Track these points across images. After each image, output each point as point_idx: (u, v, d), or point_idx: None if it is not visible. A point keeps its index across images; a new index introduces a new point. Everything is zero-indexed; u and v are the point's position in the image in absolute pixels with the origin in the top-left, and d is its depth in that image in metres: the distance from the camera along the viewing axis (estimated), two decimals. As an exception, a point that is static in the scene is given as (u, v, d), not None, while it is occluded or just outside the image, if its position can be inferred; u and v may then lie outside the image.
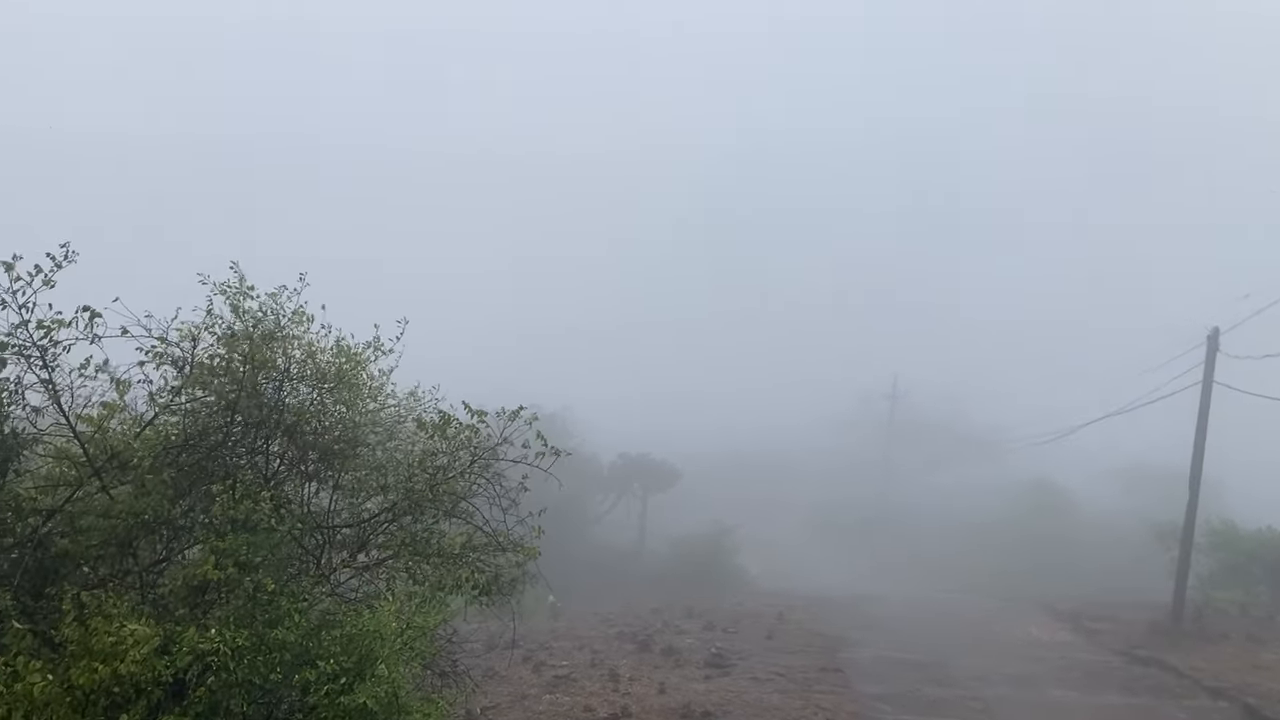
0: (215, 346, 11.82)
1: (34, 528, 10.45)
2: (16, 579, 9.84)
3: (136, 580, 10.98)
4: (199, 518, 10.89)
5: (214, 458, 11.54)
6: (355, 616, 10.41)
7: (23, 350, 10.20)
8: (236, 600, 10.21)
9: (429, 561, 12.45)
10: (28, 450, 10.76)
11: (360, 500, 13.28)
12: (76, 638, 8.52)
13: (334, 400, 12.95)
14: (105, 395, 11.08)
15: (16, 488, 10.72)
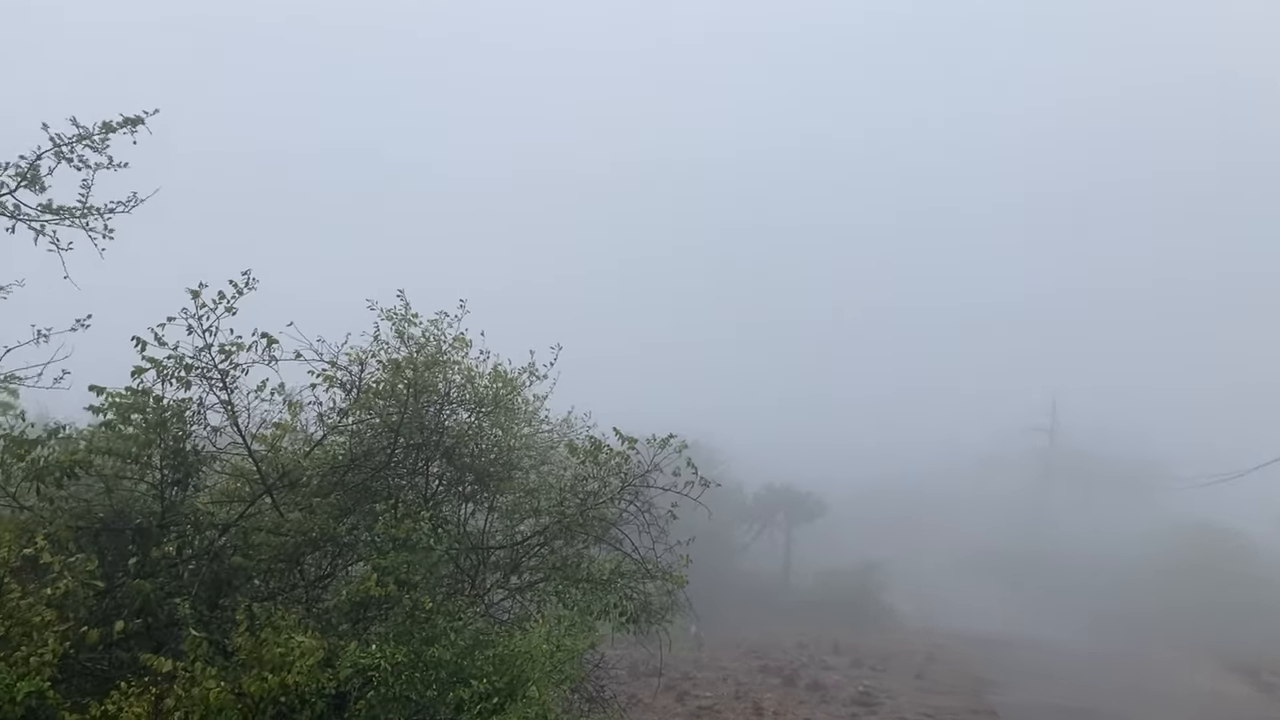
0: (381, 371, 12.26)
1: (211, 540, 11.04)
2: (195, 589, 10.39)
3: (303, 594, 11.45)
4: (362, 535, 11.27)
5: (377, 478, 11.96)
6: (507, 637, 10.57)
7: (205, 373, 10.81)
8: (396, 617, 10.52)
9: (578, 586, 12.57)
10: (206, 467, 11.39)
11: (514, 523, 13.53)
12: (248, 647, 8.91)
13: (491, 424, 13.26)
14: (278, 416, 11.66)
15: (196, 502, 11.36)
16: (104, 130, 9.97)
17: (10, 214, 10.16)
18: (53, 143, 9.90)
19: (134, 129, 10.04)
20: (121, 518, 10.89)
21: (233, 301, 10.61)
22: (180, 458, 10.97)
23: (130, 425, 10.77)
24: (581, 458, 12.97)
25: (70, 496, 10.75)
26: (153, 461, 10.95)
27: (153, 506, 11.05)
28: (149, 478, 11.02)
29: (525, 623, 12.90)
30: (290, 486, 11.51)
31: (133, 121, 10.02)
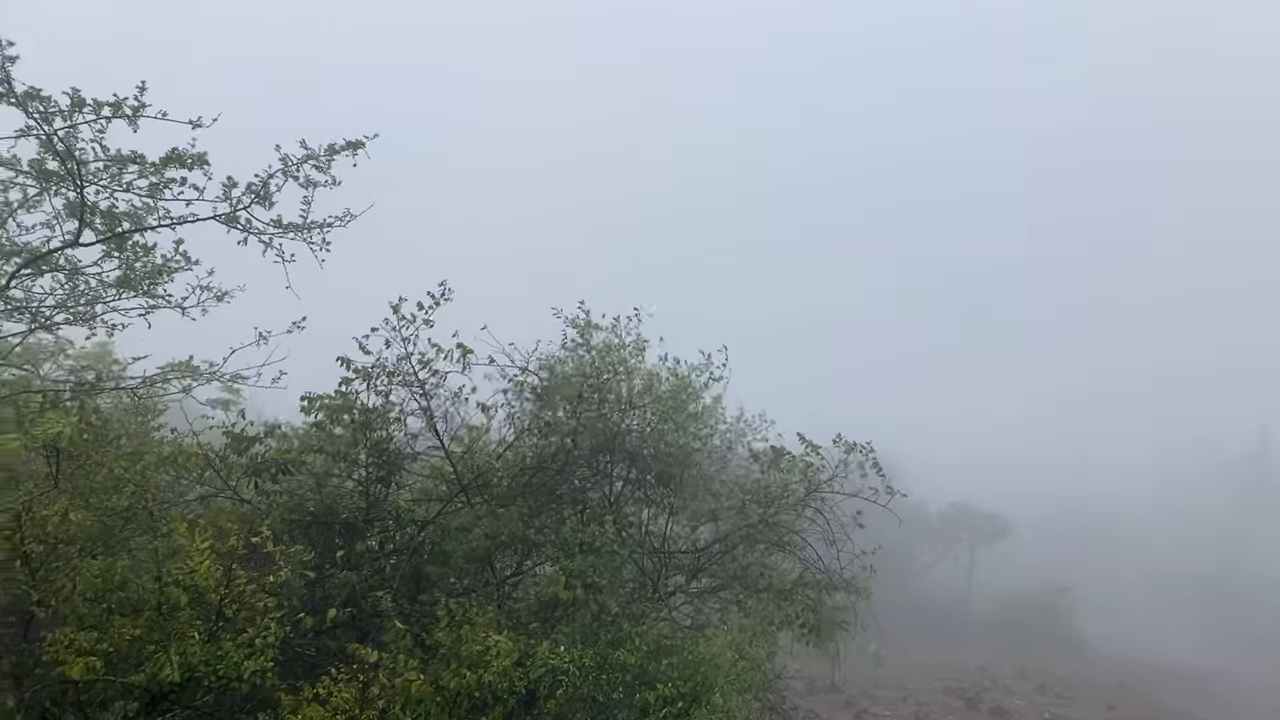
0: (569, 376, 12.58)
1: (410, 536, 11.56)
2: (396, 583, 10.90)
3: (494, 592, 11.84)
4: (550, 537, 11.57)
5: (562, 480, 12.26)
6: (692, 643, 10.63)
7: (406, 379, 11.36)
8: (582, 619, 10.73)
9: (759, 595, 12.53)
10: (407, 467, 11.96)
11: (694, 528, 13.60)
12: (448, 643, 9.27)
13: (670, 427, 13.37)
14: (473, 419, 12.13)
15: (397, 499, 11.93)
16: (329, 152, 10.64)
17: (243, 228, 10.94)
18: (282, 163, 10.63)
19: (354, 152, 10.69)
20: (329, 512, 11.54)
21: (429, 314, 11.11)
22: (383, 457, 11.56)
23: (339, 426, 11.42)
24: (764, 464, 12.93)
25: (284, 491, 11.47)
26: (359, 460, 11.58)
27: (358, 502, 11.67)
28: (355, 475, 11.64)
29: (704, 629, 12.95)
30: (483, 487, 11.93)
31: (354, 145, 10.67)
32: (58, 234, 11.71)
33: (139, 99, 9.97)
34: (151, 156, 10.66)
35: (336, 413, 11.31)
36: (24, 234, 11.86)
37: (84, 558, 8.31)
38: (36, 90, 9.70)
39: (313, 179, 10.78)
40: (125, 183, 10.65)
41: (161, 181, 10.54)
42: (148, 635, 7.90)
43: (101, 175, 10.64)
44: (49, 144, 10.36)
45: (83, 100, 9.94)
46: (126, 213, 11.14)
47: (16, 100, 9.67)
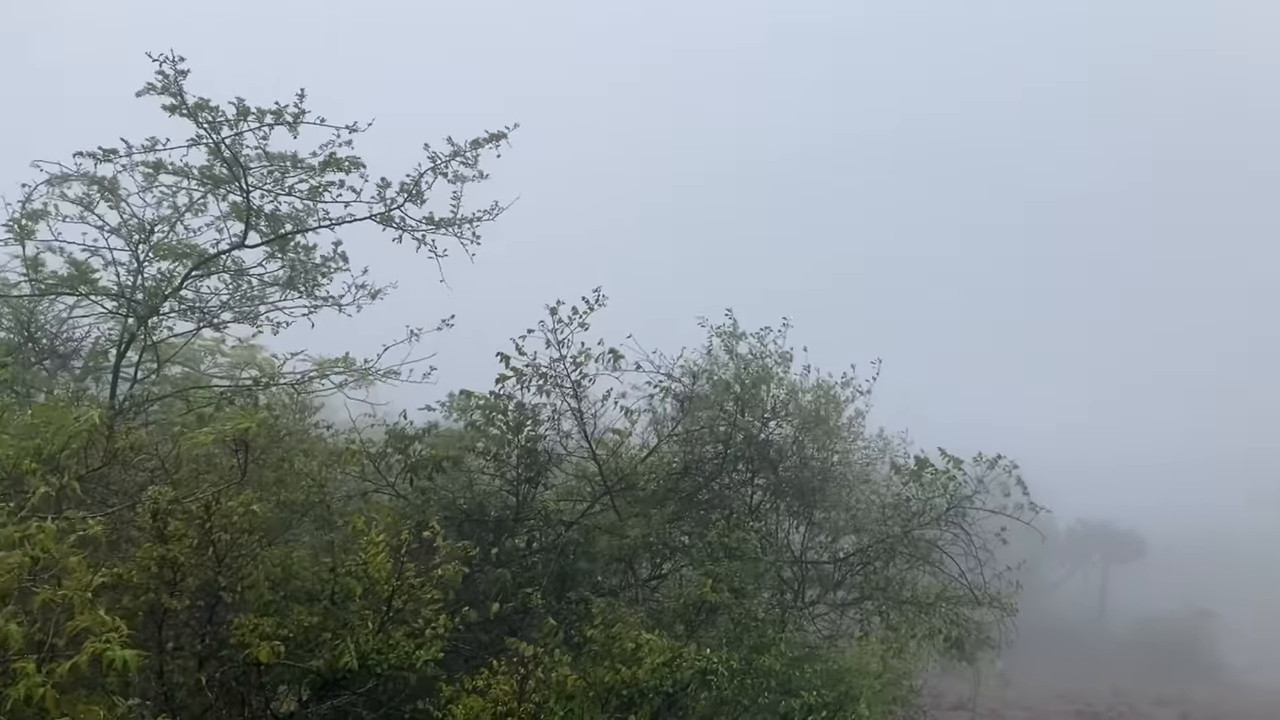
0: (713, 384, 12.74)
1: (558, 535, 11.88)
2: (545, 581, 11.21)
3: (636, 594, 12.06)
4: (695, 542, 11.73)
5: (707, 487, 12.42)
6: (837, 653, 10.65)
7: (558, 381, 11.69)
8: (725, 623, 10.86)
9: (901, 608, 12.45)
10: (555, 467, 12.28)
11: (833, 539, 13.59)
12: (600, 640, 9.51)
13: (811, 439, 13.40)
14: (618, 423, 12.39)
15: (544, 499, 12.27)
16: (473, 146, 11.05)
17: (397, 226, 11.44)
18: (431, 160, 11.09)
19: (497, 144, 11.07)
20: (480, 510, 11.93)
21: (584, 317, 11.42)
22: (533, 457, 11.90)
23: (493, 426, 11.81)
24: (905, 477, 12.85)
25: (439, 488, 11.90)
26: (510, 460, 11.94)
27: (508, 501, 12.04)
28: (506, 475, 12.01)
29: (840, 639, 12.93)
30: (628, 490, 12.17)
31: (496, 136, 11.05)
32: (224, 237, 12.41)
33: (298, 106, 10.52)
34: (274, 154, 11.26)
35: (491, 412, 11.71)
36: (192, 237, 12.61)
37: (264, 547, 8.79)
38: (205, 101, 10.34)
39: (461, 174, 11.18)
40: (287, 186, 11.23)
41: (321, 184, 11.08)
42: (323, 623, 8.35)
43: (265, 180, 11.24)
44: (216, 151, 10.98)
45: (247, 109, 10.54)
46: (288, 215, 11.74)
47: (188, 111, 10.31)
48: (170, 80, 10.31)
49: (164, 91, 10.34)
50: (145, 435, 9.76)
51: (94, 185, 11.54)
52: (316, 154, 11.08)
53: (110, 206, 11.70)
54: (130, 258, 12.00)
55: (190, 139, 10.98)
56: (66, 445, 8.94)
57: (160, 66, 10.24)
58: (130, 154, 11.10)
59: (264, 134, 10.95)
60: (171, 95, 10.36)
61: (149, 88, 10.36)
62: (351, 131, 10.92)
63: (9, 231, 11.63)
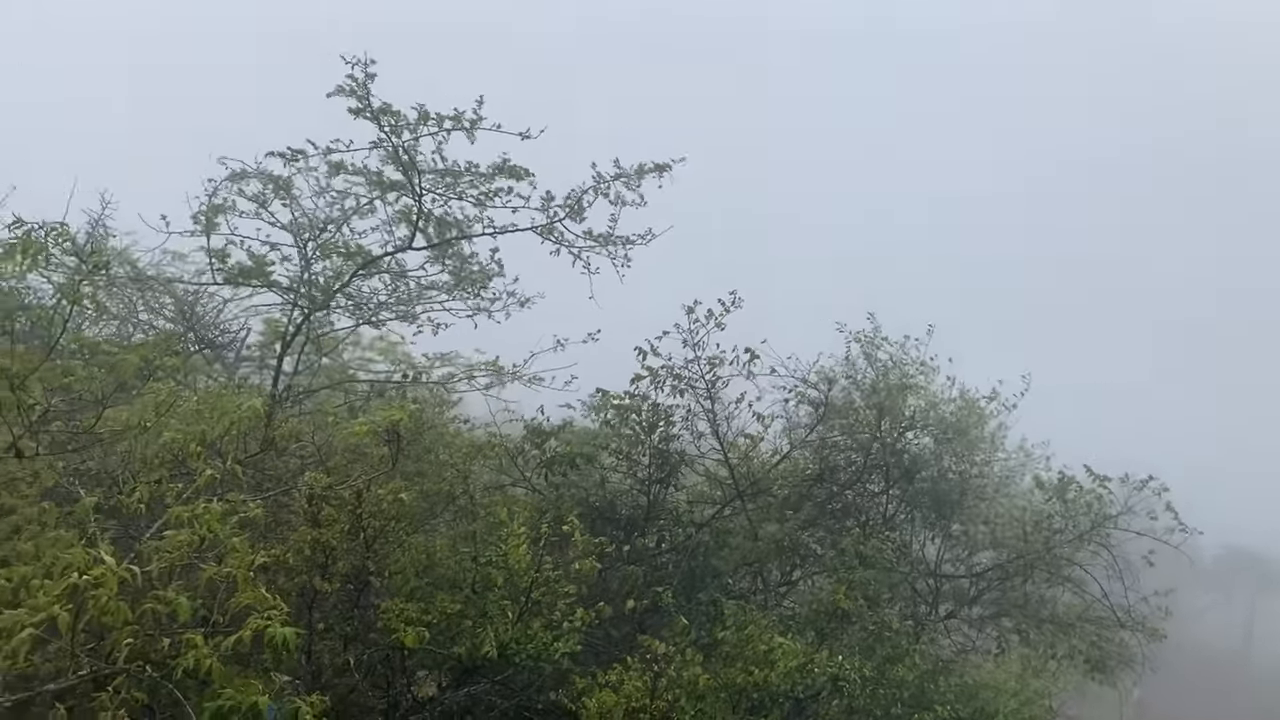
0: (850, 391, 12.60)
1: (688, 536, 11.94)
2: (674, 580, 11.27)
3: (766, 598, 12.03)
4: (828, 549, 11.64)
5: (840, 495, 12.30)
6: (973, 668, 10.42)
7: (693, 382, 11.74)
8: (857, 632, 10.73)
9: (1041, 626, 12.10)
10: (686, 468, 12.34)
11: (969, 552, 13.29)
12: (733, 641, 9.52)
13: (950, 451, 13.13)
14: (750, 427, 12.37)
15: (675, 500, 12.34)
16: (638, 173, 11.26)
17: (555, 239, 11.72)
18: (594, 180, 11.34)
19: (661, 174, 11.27)
20: (612, 508, 12.09)
21: (721, 318, 11.45)
22: (665, 458, 11.98)
23: (626, 426, 11.95)
24: (1049, 493, 12.49)
25: (572, 484, 12.10)
26: (642, 459, 12.05)
27: (638, 500, 12.15)
28: (638, 474, 12.12)
29: (974, 655, 12.64)
30: (759, 494, 12.15)
31: (661, 168, 11.24)
32: (390, 239, 12.86)
33: (476, 113, 10.82)
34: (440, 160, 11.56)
35: (625, 412, 11.85)
36: (357, 238, 13.10)
37: (409, 535, 9.09)
38: (388, 105, 10.72)
39: (622, 196, 11.38)
40: (458, 191, 11.57)
41: (490, 191, 11.39)
42: (464, 611, 8.57)
43: (438, 184, 11.60)
44: (395, 155, 11.38)
45: (427, 114, 10.89)
46: (456, 221, 12.10)
47: (372, 115, 10.71)
48: (359, 84, 10.75)
49: (351, 94, 10.77)
50: (301, 424, 10.22)
51: (270, 184, 12.09)
52: (476, 164, 11.38)
53: (284, 205, 12.26)
54: (299, 255, 12.53)
55: (371, 141, 11.46)
56: (228, 431, 9.41)
57: (351, 70, 10.68)
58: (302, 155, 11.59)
59: (441, 139, 11.34)
60: (358, 98, 10.80)
61: (338, 90, 10.81)
62: (524, 139, 11.22)
63: (195, 224, 12.27)
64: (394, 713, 8.70)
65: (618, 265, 11.93)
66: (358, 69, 10.58)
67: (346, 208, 12.68)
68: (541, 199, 11.52)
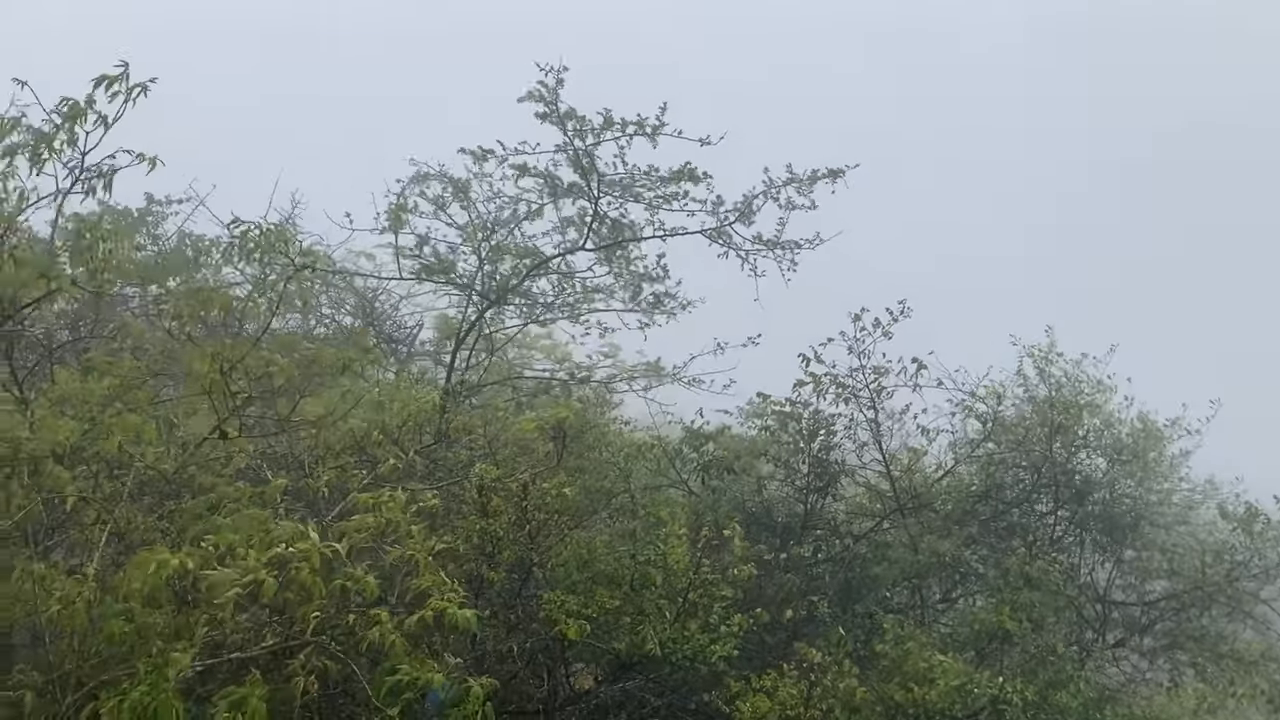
0: (1021, 406, 12.25)
1: (845, 547, 11.84)
2: (830, 591, 11.20)
3: (924, 614, 11.81)
4: (990, 568, 11.35)
5: (1006, 514, 11.98)
6: (1143, 701, 9.99)
7: (856, 392, 11.64)
8: (1021, 654, 10.43)
9: (1220, 662, 11.48)
10: (846, 478, 12.23)
11: (1142, 580, 12.72)
12: (893, 656, 9.40)
13: (1125, 474, 12.61)
14: (913, 440, 12.17)
15: (833, 510, 12.25)
16: (810, 179, 11.27)
17: (725, 243, 11.84)
18: (765, 185, 11.41)
19: (834, 180, 11.25)
20: (768, 514, 12.09)
21: (888, 328, 11.31)
22: (824, 467, 11.90)
23: (785, 433, 11.94)
24: (1234, 524, 11.84)
25: (728, 489, 12.16)
26: (800, 467, 12.01)
27: (795, 509, 12.12)
28: (796, 482, 12.09)
29: (1143, 687, 12.11)
30: (919, 508, 11.94)
31: (835, 173, 11.22)
32: (561, 240, 13.24)
33: (659, 118, 11.03)
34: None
35: (786, 419, 11.84)
36: (529, 240, 13.54)
37: (572, 530, 9.34)
38: (573, 110, 11.05)
39: (792, 201, 11.39)
40: (634, 194, 11.82)
41: (666, 195, 11.59)
42: (622, 607, 8.75)
43: (614, 188, 11.88)
44: (577, 159, 11.71)
45: (611, 119, 11.16)
46: (628, 224, 12.35)
47: (558, 119, 11.06)
48: (549, 90, 11.14)
49: (540, 100, 11.17)
50: (471, 418, 10.63)
51: (450, 185, 12.62)
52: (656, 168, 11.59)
53: (462, 206, 12.77)
54: (474, 254, 13.03)
55: (556, 145, 11.85)
56: (406, 422, 9.88)
57: (542, 76, 11.08)
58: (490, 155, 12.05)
59: (624, 143, 11.61)
60: (546, 104, 11.18)
61: (529, 95, 11.22)
62: (704, 144, 11.39)
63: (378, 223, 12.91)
64: (552, 701, 8.96)
65: (784, 269, 11.93)
66: (549, 75, 10.93)
67: (519, 211, 13.10)
68: (712, 202, 11.64)
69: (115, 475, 8.31)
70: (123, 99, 6.53)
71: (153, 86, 6.60)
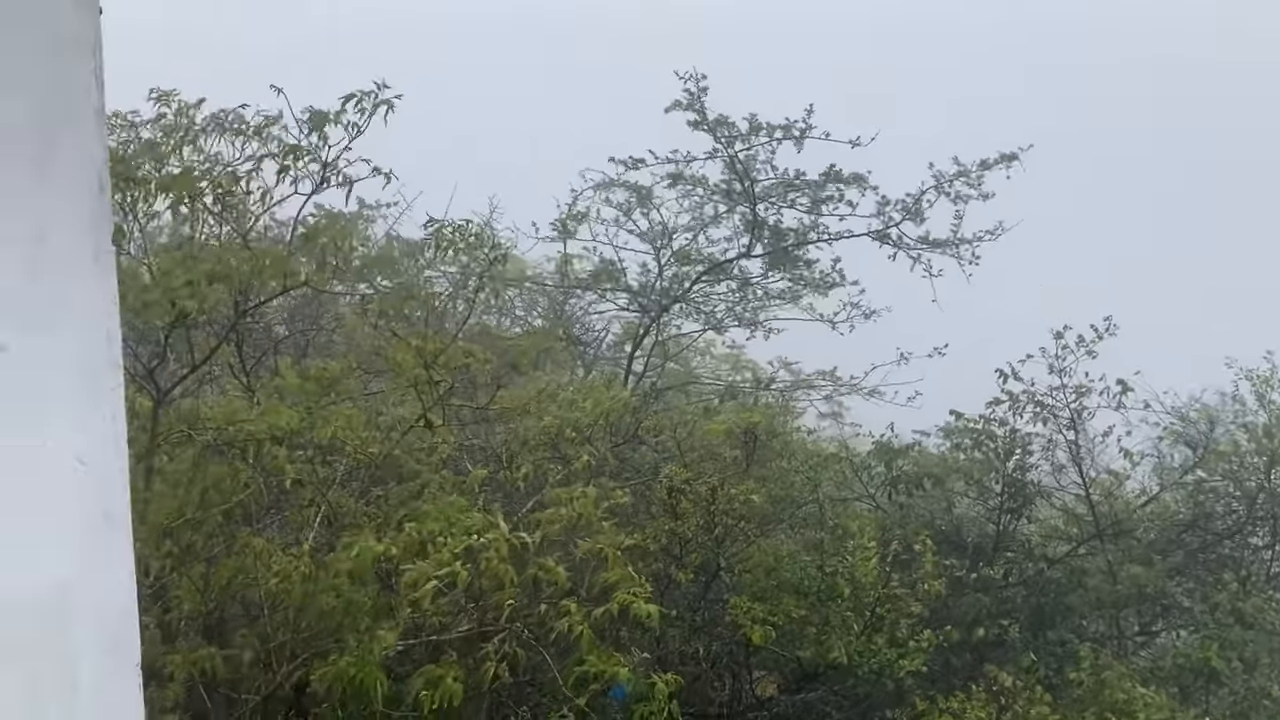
0: (1235, 433, 11.53)
1: (1038, 571, 11.39)
2: (1022, 615, 10.80)
3: (1122, 646, 11.24)
4: (1197, 602, 10.73)
5: (1217, 545, 11.29)
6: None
7: (1055, 412, 11.19)
8: (1229, 696, 9.84)
9: None
10: (1041, 500, 11.77)
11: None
12: (1089, 686, 9.00)
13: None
14: (1115, 463, 11.61)
15: (1026, 532, 11.81)
16: (981, 167, 10.91)
17: (894, 244, 11.60)
18: (934, 179, 11.12)
19: (1008, 165, 10.85)
20: (958, 533, 11.76)
21: (1092, 345, 10.84)
22: (1019, 487, 11.49)
23: (978, 450, 11.58)
24: None
25: (917, 505, 11.90)
26: (993, 487, 11.64)
27: (986, 529, 11.74)
28: (988, 501, 11.72)
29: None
30: (1120, 535, 11.38)
31: (1008, 158, 10.83)
32: (734, 247, 13.29)
33: (806, 121, 10.95)
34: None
35: (978, 436, 11.49)
36: (707, 246, 13.66)
37: (759, 536, 9.35)
38: (724, 117, 11.10)
39: (964, 194, 11.06)
40: (790, 199, 11.75)
41: (821, 198, 11.46)
42: (808, 617, 8.70)
43: (770, 193, 11.84)
44: (730, 165, 11.75)
45: (759, 124, 11.15)
46: (793, 229, 12.28)
47: (707, 126, 11.13)
48: (694, 97, 11.26)
49: (688, 108, 11.30)
50: (660, 420, 10.80)
51: (631, 193, 12.89)
52: (803, 172, 11.51)
53: (643, 214, 13.01)
54: (652, 260, 13.25)
55: (706, 152, 11.94)
56: (597, 421, 10.12)
57: (686, 85, 11.20)
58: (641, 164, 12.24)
59: (772, 149, 11.59)
60: (694, 111, 11.30)
61: (675, 104, 11.37)
62: (854, 146, 11.25)
63: (557, 230, 13.33)
64: (734, 705, 9.00)
65: (964, 264, 11.57)
66: (691, 83, 11.01)
67: (695, 217, 13.22)
68: (876, 203, 11.41)
69: (328, 460, 8.84)
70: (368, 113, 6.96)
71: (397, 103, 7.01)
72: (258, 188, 7.93)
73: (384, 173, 7.42)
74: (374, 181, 7.95)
